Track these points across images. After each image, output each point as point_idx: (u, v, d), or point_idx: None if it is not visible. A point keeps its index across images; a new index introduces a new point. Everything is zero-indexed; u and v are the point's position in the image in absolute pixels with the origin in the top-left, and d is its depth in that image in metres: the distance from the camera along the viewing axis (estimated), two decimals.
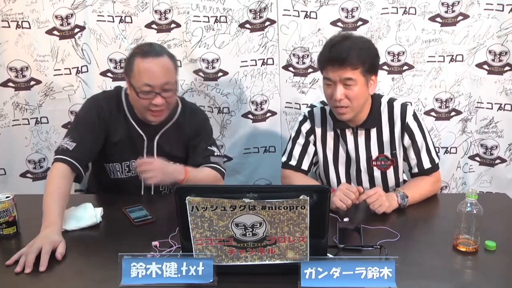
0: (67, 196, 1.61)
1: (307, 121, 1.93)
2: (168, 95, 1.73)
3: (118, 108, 1.84)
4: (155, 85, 1.69)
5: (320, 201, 1.16)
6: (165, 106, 1.75)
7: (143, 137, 1.85)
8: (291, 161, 1.94)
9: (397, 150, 1.86)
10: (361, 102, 1.76)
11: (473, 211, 1.37)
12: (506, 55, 2.46)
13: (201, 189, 1.20)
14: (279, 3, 2.46)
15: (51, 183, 1.60)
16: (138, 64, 1.69)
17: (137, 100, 1.73)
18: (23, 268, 1.30)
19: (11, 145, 2.55)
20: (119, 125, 1.83)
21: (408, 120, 1.83)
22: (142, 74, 1.69)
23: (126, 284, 1.19)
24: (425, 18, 2.45)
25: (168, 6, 2.45)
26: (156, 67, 1.69)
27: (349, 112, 1.76)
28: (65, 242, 1.41)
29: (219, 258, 1.22)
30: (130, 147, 1.85)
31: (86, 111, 1.83)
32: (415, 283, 1.25)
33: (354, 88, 1.71)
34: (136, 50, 1.74)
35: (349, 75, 1.69)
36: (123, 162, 1.87)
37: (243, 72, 2.57)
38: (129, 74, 1.73)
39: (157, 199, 1.91)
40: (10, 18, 2.38)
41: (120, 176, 1.89)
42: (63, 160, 1.67)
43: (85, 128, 1.78)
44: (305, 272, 1.18)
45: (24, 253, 1.33)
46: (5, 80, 2.46)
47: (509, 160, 2.61)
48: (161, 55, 1.71)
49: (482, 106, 2.57)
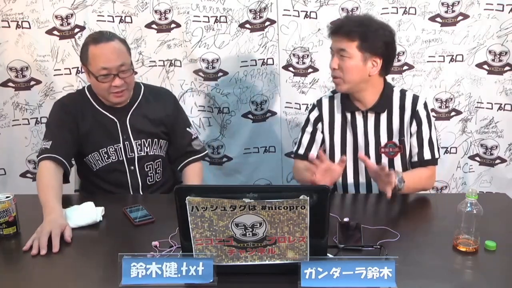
0: (60, 186, 1.71)
1: (315, 109, 1.97)
2: (125, 75, 1.81)
3: (82, 100, 1.91)
4: (111, 67, 1.77)
5: (320, 201, 1.16)
6: (125, 86, 1.83)
7: (114, 120, 1.91)
8: (300, 150, 1.98)
9: (405, 137, 1.88)
10: (354, 78, 1.79)
11: (473, 211, 1.37)
12: (506, 55, 2.46)
13: (201, 189, 1.20)
14: (279, 3, 2.46)
15: (41, 180, 1.70)
16: (92, 50, 1.78)
17: (98, 84, 1.80)
18: (39, 250, 1.37)
19: (11, 145, 2.55)
20: (86, 115, 1.89)
21: (419, 108, 1.86)
22: (97, 59, 1.77)
23: (126, 284, 1.19)
24: (425, 18, 2.45)
25: (168, 6, 2.45)
26: (109, 50, 1.78)
27: (341, 83, 1.81)
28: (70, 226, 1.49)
29: (219, 258, 1.22)
30: (104, 133, 1.90)
31: (52, 113, 1.92)
32: (415, 283, 1.25)
33: (348, 60, 1.76)
34: (87, 39, 1.83)
35: (343, 46, 1.76)
36: (101, 149, 1.91)
37: (243, 72, 2.57)
38: (86, 63, 1.81)
39: (157, 199, 1.91)
40: (10, 18, 2.38)
41: (102, 165, 1.92)
42: (45, 158, 1.77)
43: (55, 126, 1.86)
44: (305, 272, 1.18)
45: (36, 238, 1.41)
46: (5, 80, 2.46)
47: (509, 160, 2.61)
48: (112, 40, 1.80)
49: (482, 106, 2.57)
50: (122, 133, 1.91)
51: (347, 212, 1.67)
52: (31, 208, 1.60)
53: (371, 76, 1.80)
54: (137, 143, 1.93)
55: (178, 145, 2.00)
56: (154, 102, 1.97)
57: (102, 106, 1.90)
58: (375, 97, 1.86)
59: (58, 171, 1.76)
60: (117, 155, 1.91)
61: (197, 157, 2.02)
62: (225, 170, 2.73)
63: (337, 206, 1.78)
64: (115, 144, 1.91)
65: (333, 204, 1.72)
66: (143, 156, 1.94)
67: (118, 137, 1.91)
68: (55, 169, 1.75)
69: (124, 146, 1.91)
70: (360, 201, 1.91)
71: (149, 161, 1.96)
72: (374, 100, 1.86)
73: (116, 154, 1.91)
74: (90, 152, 1.91)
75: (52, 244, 1.39)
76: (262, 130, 2.67)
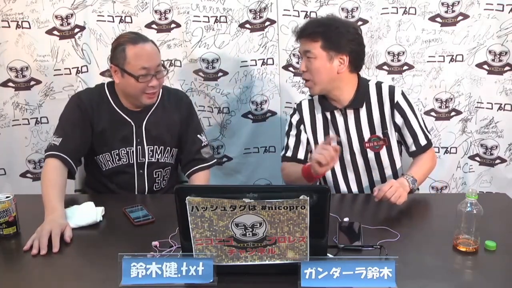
0: (64, 185, 1.70)
1: (296, 112, 2.01)
2: (161, 77, 1.82)
3: (100, 98, 1.89)
4: (151, 67, 1.77)
5: (320, 201, 1.16)
6: (159, 87, 1.84)
7: (131, 123, 1.89)
8: (287, 153, 2.00)
9: (388, 129, 1.89)
10: (323, 78, 1.81)
11: (473, 211, 1.37)
12: (506, 55, 2.46)
13: (201, 189, 1.20)
14: (279, 3, 2.46)
15: (46, 177, 1.69)
16: (131, 50, 1.76)
17: (135, 85, 1.78)
18: (39, 250, 1.38)
19: (11, 145, 2.55)
20: (103, 114, 1.87)
21: (398, 98, 1.87)
22: (138, 58, 1.75)
23: (126, 284, 1.19)
24: (425, 18, 2.45)
25: (168, 6, 2.45)
26: (149, 50, 1.78)
27: (312, 86, 1.85)
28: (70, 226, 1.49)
29: (219, 258, 1.22)
30: (118, 135, 1.88)
31: (67, 107, 1.89)
32: (415, 283, 1.25)
33: (314, 61, 1.79)
34: (123, 40, 1.80)
35: (307, 48, 1.80)
36: (113, 151, 1.90)
37: (243, 72, 2.57)
38: (122, 63, 1.77)
39: (157, 199, 1.91)
40: (10, 18, 2.38)
41: (112, 166, 1.91)
42: (53, 155, 1.75)
43: (68, 123, 1.84)
44: (305, 272, 1.18)
45: (36, 238, 1.41)
46: (5, 80, 2.46)
47: (509, 160, 2.60)
48: (148, 41, 1.81)
49: (482, 106, 2.57)
50: (137, 136, 1.90)
51: (347, 212, 1.67)
52: (31, 208, 1.60)
53: (340, 73, 1.82)
54: (150, 149, 1.91)
55: (187, 151, 1.98)
56: (170, 107, 1.95)
57: (120, 107, 1.88)
58: (351, 94, 1.87)
59: (64, 170, 1.75)
60: (128, 158, 1.91)
61: (204, 165, 1.98)
62: (225, 170, 2.73)
63: (337, 206, 1.78)
64: (128, 147, 1.90)
65: (333, 204, 1.72)
66: (154, 162, 1.93)
67: (132, 141, 1.90)
68: (61, 168, 1.74)
69: (136, 150, 1.90)
70: (360, 201, 1.91)
71: (159, 168, 1.95)
72: (350, 97, 1.87)
73: (127, 157, 1.90)
74: (102, 152, 1.90)
75: (52, 244, 1.40)
76: (262, 130, 2.67)
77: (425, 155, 1.90)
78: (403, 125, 1.89)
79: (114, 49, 1.82)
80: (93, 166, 1.95)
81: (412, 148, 1.90)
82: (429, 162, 1.90)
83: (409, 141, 1.90)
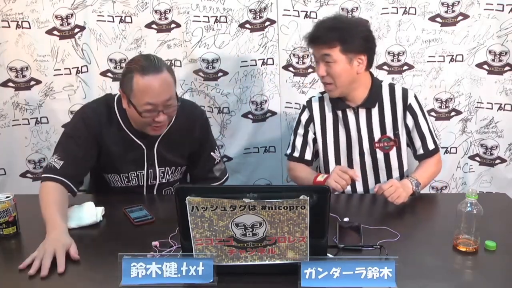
0: (64, 203, 1.58)
1: (305, 110, 1.99)
2: (170, 111, 1.67)
3: (109, 118, 1.75)
4: (157, 103, 1.61)
5: (320, 201, 1.16)
6: (167, 121, 1.70)
7: (142, 147, 1.79)
8: (295, 153, 2.00)
9: (399, 130, 1.90)
10: (344, 80, 1.80)
11: (473, 211, 1.37)
12: (506, 55, 2.46)
13: (201, 189, 1.20)
14: (279, 3, 2.46)
15: (45, 198, 1.56)
16: (138, 81, 1.59)
17: (138, 118, 1.66)
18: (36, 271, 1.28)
19: (11, 145, 2.55)
20: (112, 136, 1.75)
21: (411, 101, 1.88)
22: (143, 93, 1.60)
23: (126, 284, 1.19)
24: (425, 18, 2.45)
25: (168, 6, 2.45)
26: (157, 84, 1.59)
27: (334, 89, 1.83)
28: (74, 243, 1.40)
29: (219, 258, 1.22)
30: (128, 158, 1.79)
31: (73, 124, 1.76)
32: (415, 283, 1.25)
33: (334, 66, 1.77)
34: (133, 66, 1.63)
35: (326, 52, 1.76)
36: (122, 174, 1.82)
37: (243, 72, 2.57)
38: (128, 92, 1.63)
39: (157, 199, 1.91)
40: (10, 18, 2.38)
41: (120, 185, 1.86)
42: (52, 179, 1.62)
43: (72, 143, 1.70)
44: (305, 272, 1.18)
45: (38, 257, 1.31)
46: (5, 80, 2.46)
47: (509, 160, 2.60)
48: (161, 70, 1.61)
49: (482, 106, 2.57)
50: (148, 160, 1.81)
51: (347, 212, 1.67)
52: (31, 208, 1.59)
53: (359, 74, 1.82)
54: (161, 171, 1.85)
55: (200, 169, 1.92)
56: (183, 127, 1.82)
57: (130, 129, 1.76)
58: (365, 92, 1.88)
59: (64, 190, 1.63)
60: (138, 180, 1.84)
61: (215, 184, 1.92)
62: None
63: (337, 206, 1.78)
64: (138, 170, 1.82)
65: (333, 204, 1.72)
66: (164, 183, 1.89)
67: (143, 164, 1.81)
68: (60, 189, 1.62)
69: (148, 174, 1.84)
70: (360, 201, 1.91)
71: (168, 186, 1.92)
72: (363, 96, 1.88)
73: (138, 179, 1.84)
74: (110, 172, 1.82)
75: (58, 263, 1.30)
76: (262, 130, 2.67)
77: (431, 159, 1.91)
78: (413, 128, 1.90)
79: (124, 73, 1.66)
80: (100, 179, 1.88)
81: (419, 152, 1.91)
82: (434, 167, 1.92)
83: (417, 144, 1.90)
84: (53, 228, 1.43)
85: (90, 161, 1.75)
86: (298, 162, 1.99)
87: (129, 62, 1.70)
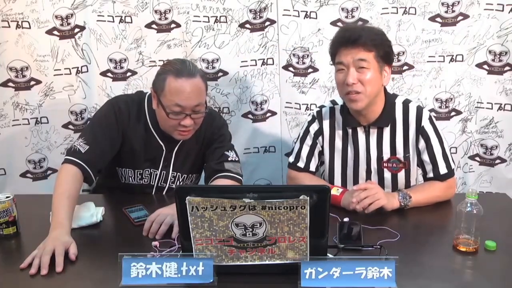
0: (76, 197, 1.57)
1: (315, 121, 1.91)
2: (197, 117, 1.69)
3: (138, 115, 1.79)
4: (186, 106, 1.64)
5: (320, 201, 1.16)
6: (193, 126, 1.71)
7: (162, 148, 1.83)
8: (299, 163, 1.92)
9: (410, 153, 1.81)
10: (374, 90, 1.69)
11: (473, 211, 1.37)
12: (506, 55, 2.46)
13: (201, 189, 1.21)
14: (279, 3, 2.46)
15: (60, 186, 1.56)
16: (170, 83, 1.63)
17: (165, 119, 1.68)
18: (37, 270, 1.29)
19: (11, 145, 2.55)
20: (138, 133, 1.79)
21: (424, 123, 1.78)
22: (174, 94, 1.63)
23: (126, 284, 1.19)
24: (425, 18, 2.45)
25: (168, 6, 2.45)
26: (189, 88, 1.63)
27: (362, 99, 1.69)
28: (75, 243, 1.40)
29: (219, 258, 1.22)
30: (147, 156, 1.83)
31: (104, 113, 1.78)
32: (415, 283, 1.25)
33: (367, 72, 1.66)
34: (168, 68, 1.67)
35: (362, 56, 1.65)
36: (137, 169, 1.85)
37: (243, 72, 2.57)
38: (159, 92, 1.67)
39: (157, 199, 1.90)
40: (10, 18, 2.38)
41: (132, 182, 1.87)
42: (74, 162, 1.62)
43: (101, 131, 1.73)
44: (305, 272, 1.18)
45: (37, 256, 1.32)
46: (5, 80, 2.46)
47: (509, 160, 2.60)
48: (194, 76, 1.65)
49: (482, 106, 2.57)
50: (164, 160, 1.85)
51: (347, 212, 1.67)
52: (31, 208, 1.60)
53: (383, 86, 1.76)
54: (173, 175, 1.88)
55: (211, 161, 1.86)
56: (204, 136, 1.86)
57: (155, 128, 1.79)
58: (379, 109, 1.78)
59: (80, 179, 1.63)
60: (150, 179, 1.87)
61: (224, 174, 1.79)
62: None
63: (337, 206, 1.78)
64: (153, 169, 1.85)
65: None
66: (173, 188, 1.89)
67: (159, 164, 1.85)
68: (78, 178, 1.61)
69: (160, 174, 1.86)
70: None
71: None
72: (377, 113, 1.78)
73: (150, 178, 1.86)
74: (125, 166, 1.85)
75: (56, 262, 1.31)
76: (262, 130, 2.67)
77: (440, 183, 1.78)
78: (424, 150, 1.79)
79: (157, 74, 1.70)
80: (111, 173, 1.87)
81: (429, 175, 1.81)
82: (439, 191, 1.77)
83: (427, 168, 1.80)
84: (56, 227, 1.43)
85: (112, 153, 1.77)
86: (302, 171, 1.92)
87: (164, 64, 1.74)
